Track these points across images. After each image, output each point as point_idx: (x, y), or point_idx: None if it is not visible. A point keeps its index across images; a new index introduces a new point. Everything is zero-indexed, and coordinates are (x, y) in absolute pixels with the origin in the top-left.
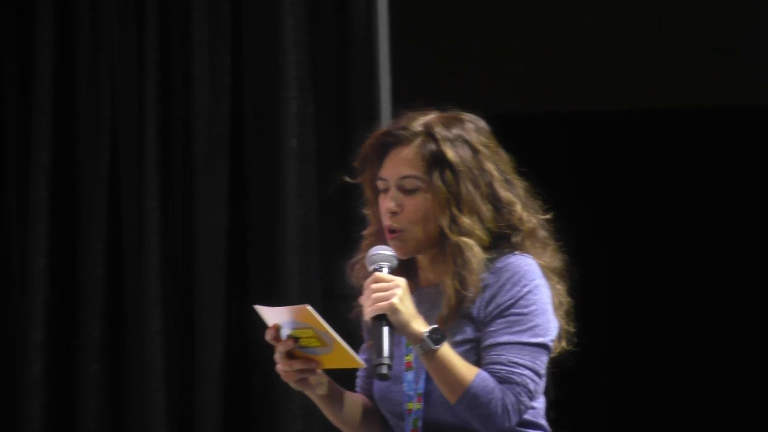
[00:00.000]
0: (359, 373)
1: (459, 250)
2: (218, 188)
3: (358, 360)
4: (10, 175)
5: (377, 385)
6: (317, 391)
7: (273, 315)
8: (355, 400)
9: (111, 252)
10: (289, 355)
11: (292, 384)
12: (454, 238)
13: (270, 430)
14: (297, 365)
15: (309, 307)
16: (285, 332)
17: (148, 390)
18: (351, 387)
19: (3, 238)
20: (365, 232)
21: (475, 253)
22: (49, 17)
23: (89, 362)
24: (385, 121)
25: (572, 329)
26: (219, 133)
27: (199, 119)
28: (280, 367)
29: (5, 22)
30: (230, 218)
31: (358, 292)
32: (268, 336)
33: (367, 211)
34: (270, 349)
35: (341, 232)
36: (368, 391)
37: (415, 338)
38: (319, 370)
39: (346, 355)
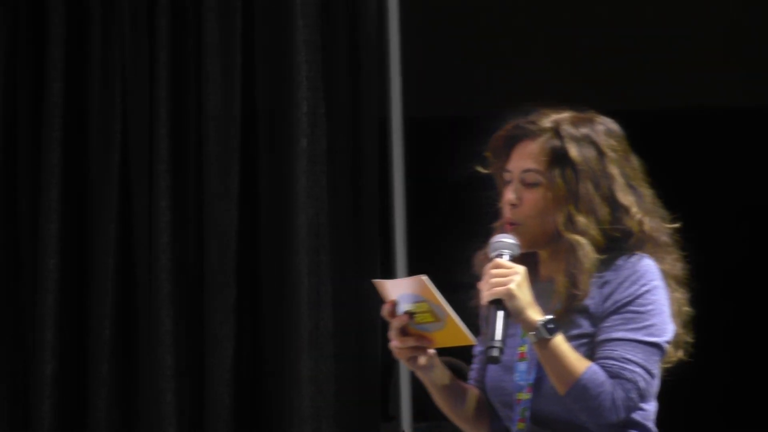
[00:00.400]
0: (473, 366)
1: (572, 249)
2: (229, 188)
3: (470, 337)
4: (21, 174)
5: (490, 375)
6: (428, 372)
7: (391, 288)
8: (467, 390)
9: (122, 252)
10: (403, 332)
11: (404, 361)
12: (569, 236)
13: (280, 430)
14: (410, 342)
15: (425, 278)
16: (402, 308)
17: (158, 390)
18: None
19: (14, 238)
20: (496, 224)
21: (587, 252)
22: (61, 17)
23: (100, 362)
24: (396, 122)
25: (690, 339)
26: (230, 134)
27: (209, 119)
28: (393, 343)
29: (17, 21)
30: (241, 218)
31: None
32: (385, 311)
33: (501, 205)
34: (280, 350)
35: (352, 232)
36: (480, 383)
37: (530, 326)
38: (430, 350)
39: (458, 331)
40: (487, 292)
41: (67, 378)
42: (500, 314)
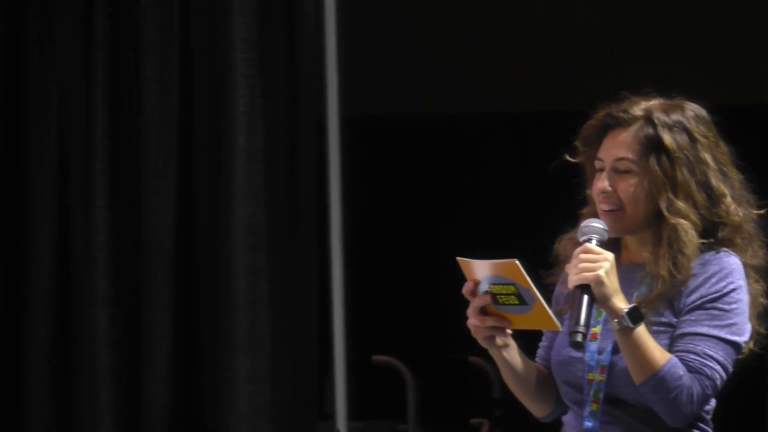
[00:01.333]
0: (541, 344)
1: (676, 233)
2: (166, 187)
3: (557, 322)
4: None
5: (557, 352)
6: (502, 352)
7: (475, 268)
8: (533, 367)
9: (58, 251)
10: (483, 312)
11: (480, 340)
12: (673, 220)
13: (217, 429)
14: (489, 322)
15: (517, 262)
16: (483, 287)
17: (94, 389)
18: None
19: None
20: (583, 211)
21: (691, 237)
22: None
23: (35, 361)
24: (333, 120)
25: (763, 331)
26: (167, 132)
27: (147, 118)
28: (472, 321)
29: None
30: (178, 217)
31: (561, 262)
32: (466, 289)
33: (587, 192)
34: (216, 348)
35: (289, 230)
36: (547, 361)
37: (614, 313)
38: (508, 331)
39: (545, 316)
40: (575, 276)
41: (2, 377)
42: (586, 299)
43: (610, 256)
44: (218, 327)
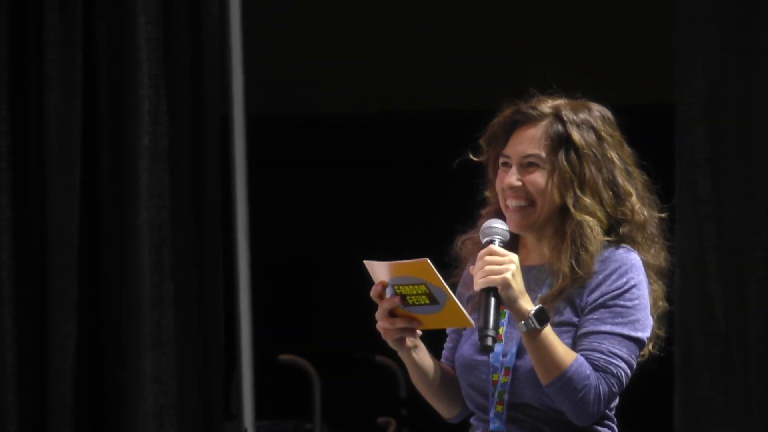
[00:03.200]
0: (446, 345)
1: (581, 229)
2: (71, 186)
3: (470, 319)
4: None
5: (461, 356)
6: (411, 353)
7: (382, 270)
8: (441, 368)
9: None
10: (392, 314)
11: (389, 342)
12: (579, 216)
13: (122, 429)
14: (399, 323)
15: (428, 261)
16: (391, 290)
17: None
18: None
19: None
20: (482, 212)
21: (596, 234)
22: None
23: None
24: (238, 119)
25: (663, 334)
26: (72, 131)
27: (51, 116)
28: (381, 324)
29: None
30: (82, 216)
31: (461, 263)
32: (374, 293)
33: (488, 194)
34: (122, 348)
35: (194, 229)
36: (452, 362)
37: (522, 315)
38: (418, 332)
39: (458, 313)
40: (481, 279)
41: None
42: (493, 302)
43: (515, 257)
44: (123, 326)
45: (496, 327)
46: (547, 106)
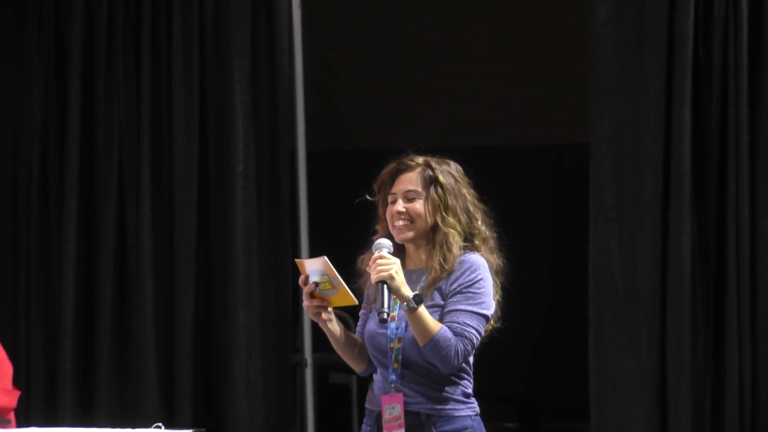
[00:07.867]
0: (359, 323)
1: (446, 237)
2: (190, 198)
3: (353, 298)
4: None
5: (368, 330)
6: (327, 324)
7: (305, 265)
8: (352, 337)
9: None
10: (311, 296)
11: (311, 316)
12: (445, 229)
13: (224, 359)
14: (316, 302)
15: (326, 258)
16: (311, 279)
17: None
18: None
19: None
20: (374, 238)
21: (456, 241)
22: None
23: None
24: (301, 153)
25: (499, 314)
26: (190, 163)
27: (177, 154)
28: (305, 303)
29: None
30: (199, 219)
31: (363, 273)
32: (301, 281)
33: (377, 227)
34: (225, 304)
35: (271, 226)
36: (362, 335)
37: (403, 298)
38: (329, 308)
39: (347, 295)
40: (375, 275)
41: None
42: (386, 289)
43: (397, 261)
44: (225, 291)
45: (389, 307)
46: (419, 159)
